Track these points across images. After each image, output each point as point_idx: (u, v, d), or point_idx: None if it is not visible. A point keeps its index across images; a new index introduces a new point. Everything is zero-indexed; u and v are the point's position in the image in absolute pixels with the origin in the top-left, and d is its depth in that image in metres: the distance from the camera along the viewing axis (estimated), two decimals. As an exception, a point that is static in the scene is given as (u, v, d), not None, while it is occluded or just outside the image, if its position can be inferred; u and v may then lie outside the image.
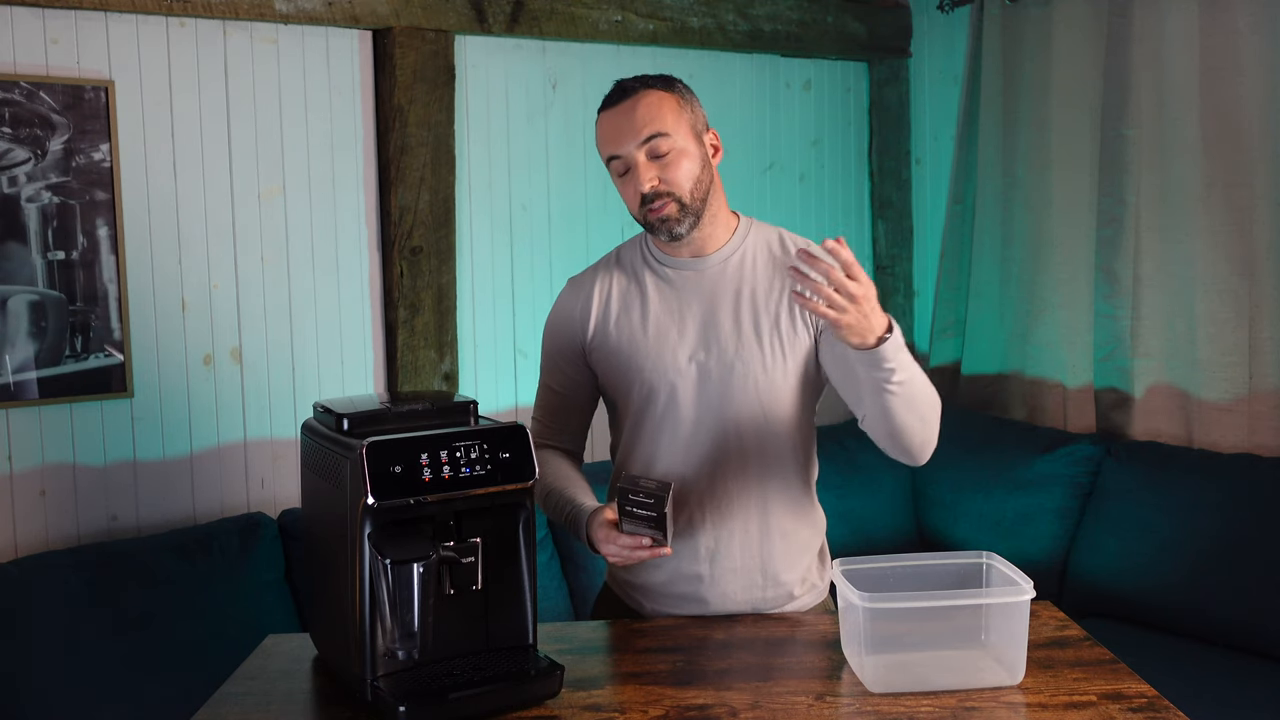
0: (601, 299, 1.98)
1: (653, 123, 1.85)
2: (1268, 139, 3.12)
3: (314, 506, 1.75)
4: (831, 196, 4.11)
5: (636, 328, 1.94)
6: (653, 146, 1.85)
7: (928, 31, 4.18)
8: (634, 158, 1.86)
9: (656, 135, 1.85)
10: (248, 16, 2.87)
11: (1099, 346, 3.53)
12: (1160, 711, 1.55)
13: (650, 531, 1.75)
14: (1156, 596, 3.04)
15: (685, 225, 1.88)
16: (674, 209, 1.86)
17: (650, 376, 1.92)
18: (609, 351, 1.96)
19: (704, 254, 1.95)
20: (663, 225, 1.88)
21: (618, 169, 1.89)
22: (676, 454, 1.92)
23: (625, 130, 1.86)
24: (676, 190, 1.86)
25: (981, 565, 1.77)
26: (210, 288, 2.94)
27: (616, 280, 2.00)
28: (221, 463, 2.99)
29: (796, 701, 1.61)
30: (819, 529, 2.03)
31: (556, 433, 2.06)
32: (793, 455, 1.95)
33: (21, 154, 2.66)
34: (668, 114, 1.87)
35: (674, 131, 1.86)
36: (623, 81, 1.92)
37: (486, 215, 3.36)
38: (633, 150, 1.86)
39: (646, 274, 1.97)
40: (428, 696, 1.56)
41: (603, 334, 1.97)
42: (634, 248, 2.02)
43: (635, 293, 1.97)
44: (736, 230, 1.97)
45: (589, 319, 1.98)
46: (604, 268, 2.03)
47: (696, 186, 1.88)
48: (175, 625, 2.61)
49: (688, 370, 1.91)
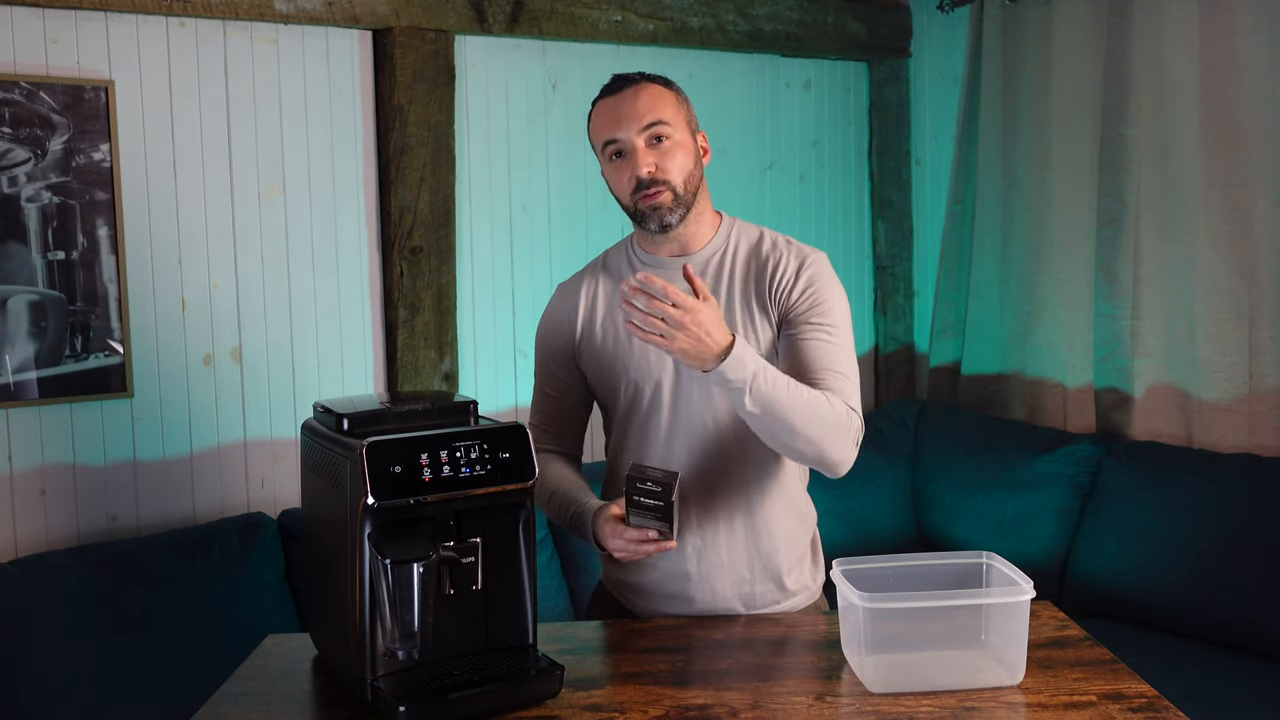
0: (588, 302, 2.01)
1: (654, 111, 1.88)
2: (1268, 139, 3.12)
3: (314, 506, 1.76)
4: (831, 196, 4.11)
5: (620, 328, 1.96)
6: (654, 133, 1.88)
7: (928, 31, 4.18)
8: (633, 143, 1.88)
9: (658, 123, 1.88)
10: (248, 16, 2.87)
11: (1099, 346, 3.53)
12: (1160, 711, 1.55)
13: (657, 523, 1.75)
14: (1156, 596, 3.04)
15: (676, 215, 1.90)
16: (668, 197, 1.88)
17: (635, 376, 1.94)
18: (596, 353, 1.99)
19: (688, 252, 1.97)
20: (654, 213, 1.89)
21: (612, 153, 1.91)
22: (662, 451, 1.94)
23: (627, 115, 1.88)
24: (672, 179, 1.88)
25: (981, 565, 1.77)
26: (210, 288, 2.94)
27: (603, 283, 2.02)
28: (221, 463, 2.99)
29: (796, 701, 1.61)
30: (808, 523, 2.03)
31: (555, 437, 2.07)
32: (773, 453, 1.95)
33: (21, 154, 2.66)
34: (669, 106, 1.90)
35: (674, 123, 1.89)
36: (621, 74, 1.95)
37: (486, 215, 3.36)
38: (633, 135, 1.88)
39: (630, 275, 1.98)
40: (428, 696, 1.56)
41: (589, 336, 2.00)
42: (620, 251, 2.05)
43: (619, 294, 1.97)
44: (719, 229, 1.99)
45: (576, 322, 2.01)
46: (590, 272, 2.06)
47: (689, 180, 1.90)
48: (175, 625, 2.61)
49: (670, 369, 1.93)
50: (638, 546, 1.77)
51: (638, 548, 1.77)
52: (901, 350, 4.27)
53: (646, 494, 1.75)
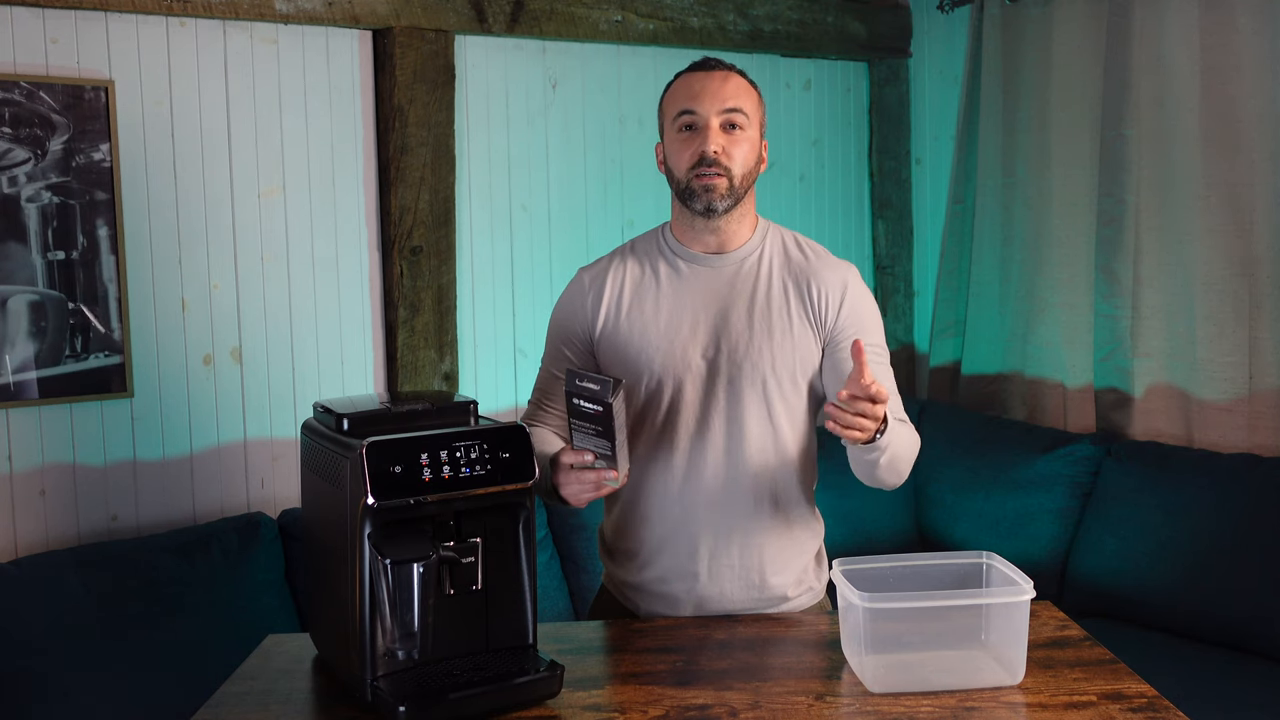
0: (615, 290, 1.98)
1: (738, 99, 1.91)
2: (1268, 139, 3.12)
3: (314, 506, 1.75)
4: (831, 196, 4.11)
5: (649, 320, 1.94)
6: (731, 118, 1.90)
7: (928, 31, 4.18)
8: (709, 120, 1.89)
9: (738, 110, 1.90)
10: (248, 16, 2.87)
11: (1099, 346, 3.53)
12: (1160, 711, 1.55)
13: (596, 443, 1.69)
14: (1156, 596, 3.04)
15: (724, 204, 1.90)
16: (724, 183, 1.89)
17: (660, 370, 1.92)
18: (620, 343, 1.96)
19: (725, 250, 1.96)
20: (706, 194, 1.89)
21: (684, 124, 1.91)
22: (680, 450, 1.93)
23: (713, 93, 1.90)
24: (733, 168, 1.89)
25: (981, 565, 1.77)
26: (210, 288, 2.94)
27: (630, 271, 1.99)
28: (221, 463, 2.99)
29: (796, 701, 1.61)
30: (817, 534, 2.04)
31: (552, 414, 2.04)
32: (795, 459, 1.95)
33: (21, 154, 2.66)
34: (751, 101, 1.94)
35: (750, 118, 1.93)
36: (715, 58, 1.98)
37: (486, 215, 3.36)
38: (711, 114, 1.89)
39: (662, 265, 1.97)
40: (428, 696, 1.56)
41: (613, 324, 1.96)
42: (651, 239, 2.03)
43: (649, 284, 1.97)
44: (756, 231, 1.99)
45: (600, 309, 1.98)
46: (619, 257, 2.02)
47: (747, 176, 1.92)
48: (175, 625, 2.61)
49: (698, 366, 1.92)
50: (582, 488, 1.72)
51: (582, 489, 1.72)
52: (901, 350, 4.27)
53: (587, 398, 1.67)
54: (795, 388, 1.93)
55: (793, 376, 1.92)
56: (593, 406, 1.66)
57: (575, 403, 1.68)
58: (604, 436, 1.68)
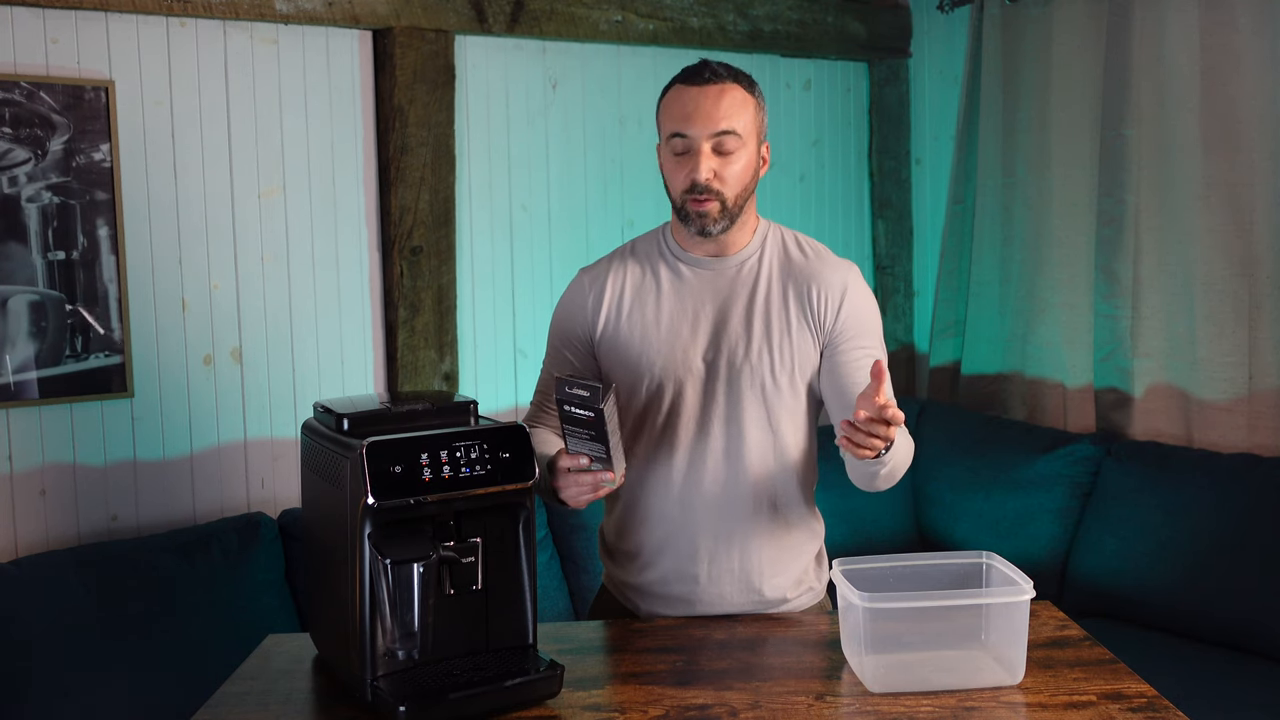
0: (615, 291, 1.97)
1: (731, 118, 1.85)
2: (1268, 139, 3.12)
3: (314, 506, 1.76)
4: (831, 196, 4.11)
5: (650, 322, 1.94)
6: (722, 142, 1.85)
7: (928, 31, 4.18)
8: (700, 145, 1.85)
9: (730, 133, 1.85)
10: (248, 16, 2.87)
11: (1099, 346, 3.53)
12: (1160, 711, 1.55)
13: (590, 447, 1.69)
14: (1156, 596, 3.04)
15: (720, 226, 1.89)
16: (716, 208, 1.87)
17: (660, 373, 1.92)
18: (620, 345, 1.95)
19: (724, 254, 1.96)
20: (699, 219, 1.88)
21: (676, 147, 1.88)
22: (680, 452, 1.93)
23: (704, 114, 1.85)
24: (726, 191, 1.86)
25: (981, 565, 1.77)
26: (210, 288, 2.94)
27: (631, 272, 1.98)
28: (221, 463, 2.99)
29: (796, 701, 1.61)
30: (817, 535, 2.04)
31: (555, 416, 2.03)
32: (795, 462, 1.95)
33: (22, 154, 2.66)
34: (746, 115, 1.88)
35: (745, 135, 1.87)
36: (711, 63, 1.90)
37: (486, 215, 3.36)
38: (702, 137, 1.85)
39: (662, 267, 1.97)
40: (428, 696, 1.56)
41: (614, 326, 1.96)
42: (651, 240, 2.02)
43: (650, 286, 1.96)
44: (756, 233, 1.98)
45: (600, 311, 1.97)
46: (619, 259, 2.01)
47: (742, 193, 1.89)
48: (175, 625, 2.61)
49: (698, 369, 1.91)
50: (580, 490, 1.72)
51: (580, 491, 1.72)
52: (901, 350, 4.27)
53: (579, 404, 1.66)
54: (794, 390, 1.93)
55: (792, 379, 1.92)
56: (584, 413, 1.67)
57: (567, 409, 1.68)
58: (598, 440, 1.68)
